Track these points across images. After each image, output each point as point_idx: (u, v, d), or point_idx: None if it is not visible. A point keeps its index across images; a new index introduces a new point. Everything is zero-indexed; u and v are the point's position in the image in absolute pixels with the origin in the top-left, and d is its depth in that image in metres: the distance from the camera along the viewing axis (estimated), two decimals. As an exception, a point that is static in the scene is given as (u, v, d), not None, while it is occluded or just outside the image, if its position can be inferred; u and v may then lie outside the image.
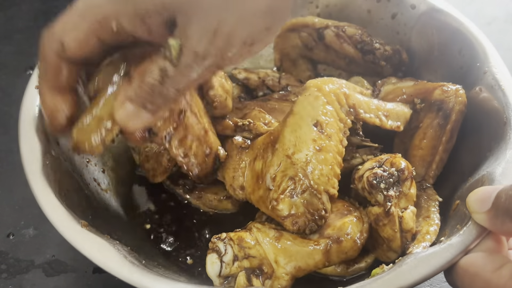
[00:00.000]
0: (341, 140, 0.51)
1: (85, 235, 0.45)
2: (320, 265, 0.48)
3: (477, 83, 0.56)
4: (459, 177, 0.54)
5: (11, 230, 0.63)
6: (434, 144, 0.56)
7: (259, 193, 0.51)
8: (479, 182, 0.49)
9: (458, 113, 0.56)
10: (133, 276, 0.43)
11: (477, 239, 0.43)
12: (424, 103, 0.58)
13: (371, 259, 0.53)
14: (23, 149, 0.50)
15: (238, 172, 0.54)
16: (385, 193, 0.49)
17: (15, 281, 0.59)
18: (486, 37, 0.58)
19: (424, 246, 0.49)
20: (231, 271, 0.47)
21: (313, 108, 0.51)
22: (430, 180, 0.57)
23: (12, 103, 0.76)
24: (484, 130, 0.54)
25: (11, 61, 0.82)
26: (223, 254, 0.48)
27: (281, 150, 0.50)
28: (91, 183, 0.58)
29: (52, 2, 0.90)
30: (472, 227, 0.44)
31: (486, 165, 0.50)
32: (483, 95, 0.55)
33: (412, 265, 0.42)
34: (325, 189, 0.49)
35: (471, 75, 0.57)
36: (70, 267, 0.60)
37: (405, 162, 0.51)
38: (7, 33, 0.86)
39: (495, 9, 0.94)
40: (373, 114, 0.54)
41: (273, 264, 0.48)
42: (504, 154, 0.49)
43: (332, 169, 0.50)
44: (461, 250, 0.43)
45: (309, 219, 0.48)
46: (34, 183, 0.48)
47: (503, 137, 0.50)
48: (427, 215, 0.53)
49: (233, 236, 0.49)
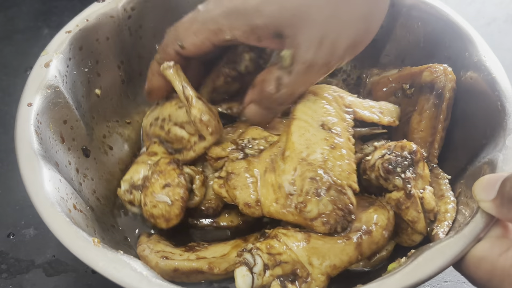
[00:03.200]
0: (349, 137, 0.51)
1: (98, 253, 0.43)
2: (353, 259, 0.47)
3: (467, 72, 0.56)
4: (456, 164, 0.55)
5: (11, 230, 0.63)
6: (433, 124, 0.57)
7: (280, 201, 0.49)
8: (481, 169, 0.49)
9: (451, 90, 0.56)
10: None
11: (487, 227, 0.43)
12: (414, 87, 0.58)
13: (391, 247, 0.53)
14: (26, 175, 0.49)
15: (250, 188, 0.52)
16: (403, 176, 0.49)
17: (16, 281, 0.59)
18: (472, 27, 0.58)
19: (447, 224, 0.49)
20: (264, 281, 0.46)
21: (314, 111, 0.51)
22: (435, 159, 0.57)
23: (12, 103, 0.76)
24: (478, 117, 0.54)
25: (11, 61, 0.82)
26: (253, 265, 0.46)
27: (293, 155, 0.49)
28: (90, 197, 0.58)
29: (52, 3, 0.90)
30: (480, 215, 0.44)
31: (485, 152, 0.50)
32: (474, 83, 0.55)
33: (428, 257, 0.42)
34: (348, 184, 0.48)
35: (459, 64, 0.57)
36: (70, 267, 0.60)
37: (414, 144, 0.51)
38: (7, 33, 0.86)
39: (495, 9, 0.93)
40: (370, 112, 0.55)
41: (307, 266, 0.46)
42: (502, 141, 0.49)
43: (350, 165, 0.49)
44: (472, 239, 0.43)
45: (340, 215, 0.47)
46: (39, 204, 0.47)
47: (499, 123, 0.50)
48: (441, 194, 0.53)
49: (261, 246, 0.47)
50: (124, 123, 0.68)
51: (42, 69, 0.56)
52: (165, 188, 0.54)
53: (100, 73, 0.64)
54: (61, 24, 0.61)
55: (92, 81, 0.63)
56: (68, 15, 0.87)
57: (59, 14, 0.88)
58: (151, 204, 0.54)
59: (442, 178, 0.55)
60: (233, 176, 0.53)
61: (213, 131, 0.55)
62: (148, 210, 0.55)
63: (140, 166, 0.59)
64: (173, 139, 0.60)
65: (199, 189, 0.57)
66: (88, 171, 0.60)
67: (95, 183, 0.60)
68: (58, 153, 0.55)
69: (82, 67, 0.61)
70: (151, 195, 0.54)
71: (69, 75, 0.59)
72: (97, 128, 0.64)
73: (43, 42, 0.84)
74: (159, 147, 0.61)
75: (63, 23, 0.62)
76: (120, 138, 0.67)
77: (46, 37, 0.85)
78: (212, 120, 0.55)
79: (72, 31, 0.60)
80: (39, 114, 0.53)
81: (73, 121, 0.59)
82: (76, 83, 0.60)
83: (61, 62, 0.58)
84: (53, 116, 0.55)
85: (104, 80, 0.65)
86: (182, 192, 0.54)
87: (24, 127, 0.52)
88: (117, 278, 0.42)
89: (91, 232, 0.50)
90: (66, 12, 0.88)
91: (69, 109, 0.58)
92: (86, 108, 0.62)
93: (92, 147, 0.62)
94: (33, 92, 0.54)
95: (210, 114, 0.55)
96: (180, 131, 0.59)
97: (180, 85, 0.55)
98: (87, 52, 0.62)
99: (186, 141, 0.58)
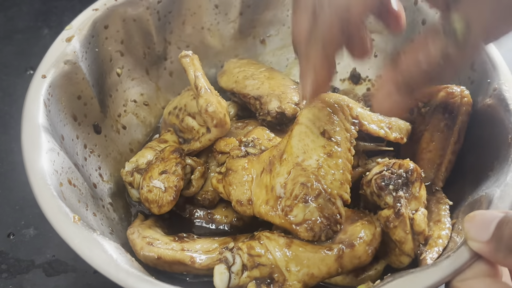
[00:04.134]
0: (349, 148, 0.51)
1: (75, 230, 0.44)
2: (333, 271, 0.47)
3: (486, 99, 0.54)
4: (461, 195, 0.53)
5: (11, 230, 0.63)
6: (443, 145, 0.56)
7: (270, 203, 0.49)
8: (477, 202, 0.48)
9: (465, 114, 0.55)
10: (119, 274, 0.42)
11: (468, 263, 0.42)
12: (429, 106, 0.57)
13: (381, 267, 0.51)
14: (25, 145, 0.50)
15: (244, 187, 0.52)
16: (394, 194, 0.48)
17: (16, 281, 0.58)
18: (498, 53, 0.56)
19: (437, 251, 0.48)
20: (240, 282, 0.46)
21: (318, 118, 0.51)
22: (440, 183, 0.56)
23: (13, 103, 0.76)
24: (489, 148, 0.53)
25: (11, 61, 0.82)
26: (231, 264, 0.46)
27: (289, 159, 0.49)
28: (92, 173, 0.58)
29: (52, 3, 0.90)
30: (464, 249, 0.42)
31: (486, 185, 0.49)
32: (491, 111, 0.53)
33: (397, 284, 0.41)
34: (338, 194, 0.48)
35: (481, 90, 0.56)
36: (70, 267, 0.59)
37: (413, 164, 0.50)
38: (8, 33, 0.85)
39: (496, 9, 0.93)
40: (377, 126, 0.54)
41: (285, 271, 0.46)
42: (504, 176, 0.47)
43: (344, 175, 0.48)
44: (450, 272, 0.41)
45: (325, 224, 0.47)
46: (32, 174, 0.47)
47: (506, 158, 0.49)
48: (438, 219, 0.52)
49: (242, 246, 0.47)
50: (142, 104, 0.68)
51: (63, 43, 0.56)
52: (162, 175, 0.55)
53: (123, 53, 0.64)
54: (61, 24, 0.62)
55: (115, 60, 0.63)
56: (68, 15, 0.88)
57: (59, 14, 0.88)
58: (147, 189, 0.55)
59: (443, 203, 0.54)
60: (231, 173, 0.53)
61: (217, 123, 0.56)
62: (143, 194, 0.55)
63: (148, 151, 0.60)
64: (185, 129, 0.61)
65: (197, 181, 0.57)
66: (96, 147, 0.60)
67: (102, 160, 0.60)
68: (66, 126, 0.55)
69: (106, 45, 0.62)
70: (149, 180, 0.55)
71: (90, 52, 0.59)
72: (112, 106, 0.64)
73: (43, 42, 0.84)
74: (172, 135, 0.62)
75: (63, 23, 0.62)
76: (136, 119, 0.67)
77: (46, 37, 0.84)
78: (218, 112, 0.56)
79: (99, 9, 0.60)
80: (52, 86, 0.53)
81: (87, 98, 0.59)
82: (97, 60, 0.61)
83: (84, 38, 0.58)
84: (66, 90, 0.56)
85: (127, 60, 0.65)
86: (176, 180, 0.55)
87: (34, 98, 0.52)
88: (88, 258, 0.43)
89: (81, 207, 0.50)
90: (66, 12, 0.88)
91: (85, 86, 0.58)
92: (104, 86, 0.62)
93: (104, 124, 0.62)
94: (49, 65, 0.54)
95: (217, 107, 0.56)
96: (192, 121, 0.60)
97: (193, 74, 0.56)
98: (112, 31, 0.62)
99: (195, 132, 0.59)
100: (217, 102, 0.56)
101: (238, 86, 0.64)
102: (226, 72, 0.68)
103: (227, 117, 0.57)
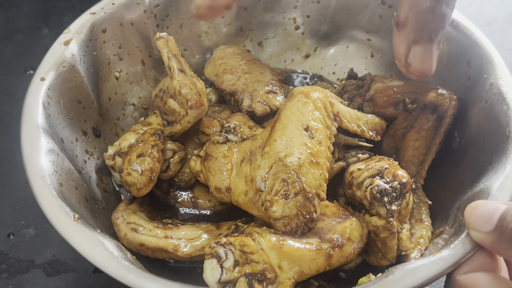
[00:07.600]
0: (329, 146, 0.52)
1: (76, 228, 0.45)
2: (321, 269, 0.48)
3: (483, 94, 0.55)
4: (460, 189, 0.54)
5: (11, 230, 0.63)
6: (428, 144, 0.57)
7: (249, 194, 0.51)
8: (476, 195, 0.48)
9: (451, 117, 0.56)
10: (120, 271, 0.42)
11: (469, 254, 0.42)
12: (416, 104, 0.58)
13: (359, 260, 0.54)
14: (25, 146, 0.50)
15: (224, 174, 0.53)
16: (388, 208, 0.49)
17: (16, 281, 0.59)
18: (495, 49, 0.57)
19: (419, 249, 0.50)
20: (231, 277, 0.46)
21: (302, 113, 0.52)
22: (421, 180, 0.57)
23: (13, 103, 0.76)
24: (487, 143, 0.53)
25: (11, 61, 0.82)
26: (223, 259, 0.47)
27: (272, 153, 0.50)
28: (92, 176, 0.58)
29: (52, 3, 0.90)
30: (464, 241, 0.43)
31: (485, 179, 0.50)
32: (488, 107, 0.54)
33: (399, 276, 0.42)
34: (316, 193, 0.49)
35: (478, 86, 0.56)
36: (70, 267, 0.59)
37: (406, 175, 0.51)
38: (8, 33, 0.86)
39: (495, 9, 0.94)
40: (355, 124, 0.56)
41: (277, 269, 0.47)
42: (503, 169, 0.48)
43: (323, 174, 0.50)
44: (450, 264, 0.42)
45: (302, 221, 0.48)
46: (31, 174, 0.48)
47: (504, 151, 0.49)
48: (419, 218, 0.54)
49: (234, 241, 0.48)
50: (140, 107, 0.68)
51: (61, 46, 0.57)
52: (139, 158, 0.55)
53: (122, 57, 0.65)
54: (61, 24, 0.62)
55: (113, 63, 0.64)
56: (68, 15, 0.88)
57: (59, 14, 0.88)
58: (126, 172, 0.55)
59: (423, 202, 0.56)
60: (210, 159, 0.54)
61: (192, 105, 0.55)
62: (123, 177, 0.56)
63: (131, 134, 0.60)
64: (168, 111, 0.61)
65: (175, 165, 0.58)
66: (95, 150, 0.60)
67: (101, 162, 0.61)
68: (65, 129, 0.56)
69: (104, 49, 0.62)
70: (128, 163, 0.56)
71: (88, 55, 0.59)
72: (111, 110, 0.64)
73: (43, 42, 0.84)
74: (157, 118, 0.62)
75: (63, 23, 0.62)
76: (134, 122, 0.67)
77: (46, 37, 0.84)
78: (193, 94, 0.55)
79: (97, 13, 0.61)
80: (50, 89, 0.54)
81: (86, 101, 0.59)
82: (95, 64, 0.61)
83: (82, 42, 0.58)
84: (65, 93, 0.56)
85: (125, 64, 0.65)
86: (152, 163, 0.55)
87: (33, 100, 0.52)
88: (89, 255, 0.43)
89: (82, 208, 0.50)
90: (66, 12, 0.88)
91: (83, 89, 0.58)
92: (103, 89, 0.63)
93: (103, 128, 0.62)
94: (48, 68, 0.55)
95: (190, 88, 0.55)
96: (173, 103, 0.59)
97: (167, 55, 0.55)
98: (110, 35, 0.62)
99: (177, 114, 0.59)
100: (191, 83, 0.55)
101: (217, 80, 0.65)
102: (211, 62, 0.68)
103: (203, 98, 0.56)
